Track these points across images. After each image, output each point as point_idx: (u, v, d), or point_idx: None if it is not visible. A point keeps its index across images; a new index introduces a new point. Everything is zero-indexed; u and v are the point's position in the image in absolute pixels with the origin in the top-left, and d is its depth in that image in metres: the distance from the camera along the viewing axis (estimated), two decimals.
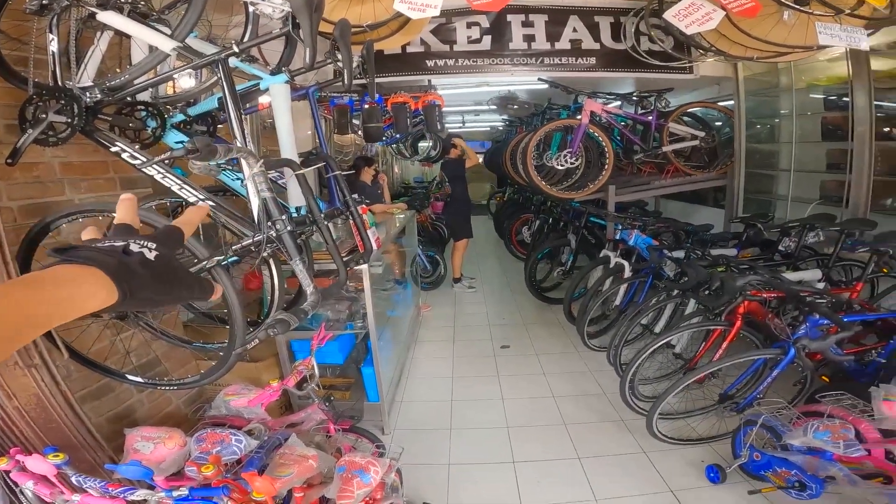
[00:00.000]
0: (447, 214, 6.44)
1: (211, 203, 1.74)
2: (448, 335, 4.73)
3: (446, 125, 8.84)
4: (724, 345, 2.78)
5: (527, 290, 5.37)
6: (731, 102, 4.83)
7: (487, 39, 4.40)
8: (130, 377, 2.06)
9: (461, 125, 8.48)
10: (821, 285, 3.06)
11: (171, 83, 2.47)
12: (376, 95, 2.80)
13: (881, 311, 2.74)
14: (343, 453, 2.03)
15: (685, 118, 4.91)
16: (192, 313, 2.38)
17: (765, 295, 2.67)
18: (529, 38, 4.41)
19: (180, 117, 2.24)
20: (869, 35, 2.73)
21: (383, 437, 2.97)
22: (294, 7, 1.62)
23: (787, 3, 2.60)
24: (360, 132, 4.89)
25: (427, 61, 4.39)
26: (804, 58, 3.52)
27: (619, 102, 5.22)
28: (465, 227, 5.88)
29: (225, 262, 1.59)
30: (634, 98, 4.84)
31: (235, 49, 1.70)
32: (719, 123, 5.12)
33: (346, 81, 2.14)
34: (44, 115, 1.72)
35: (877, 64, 3.49)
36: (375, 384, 3.06)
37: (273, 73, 2.25)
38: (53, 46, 1.75)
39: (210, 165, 1.56)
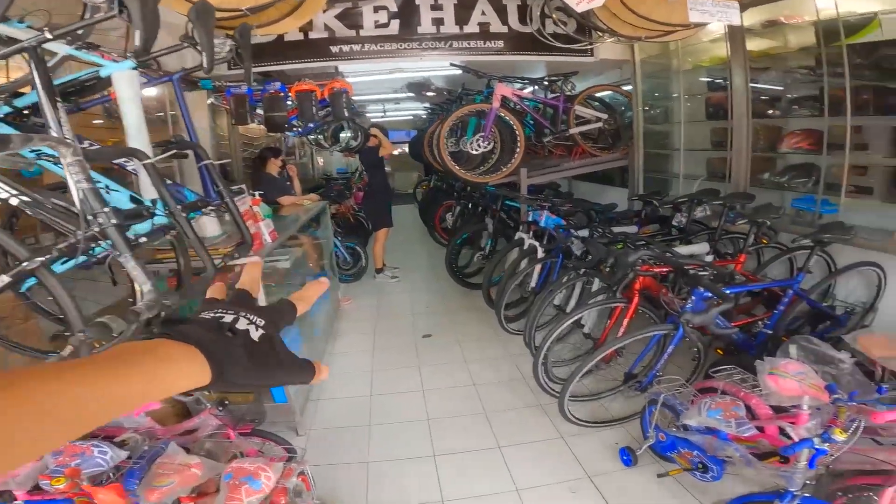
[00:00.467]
0: (366, 205, 6.29)
1: (26, 198, 1.51)
2: (369, 327, 4.61)
3: (368, 115, 8.70)
4: (625, 322, 2.79)
5: (451, 277, 5.35)
6: (631, 87, 5.01)
7: (396, 24, 4.27)
8: None
9: (382, 114, 8.28)
10: (710, 258, 3.24)
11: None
12: (253, 83, 2.60)
13: (765, 280, 2.90)
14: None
15: (592, 101, 5.06)
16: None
17: (656, 270, 2.77)
18: (438, 22, 4.33)
19: (6, 109, 1.97)
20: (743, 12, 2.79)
21: (297, 439, 2.86)
22: None
23: None
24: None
25: (332, 47, 4.22)
26: (688, 37, 3.66)
27: (533, 87, 5.30)
28: (385, 216, 5.75)
29: (65, 263, 1.46)
30: (545, 82, 4.91)
31: (48, 35, 1.51)
32: (623, 107, 5.32)
33: (205, 65, 1.98)
34: None
35: (752, 44, 3.68)
36: (280, 386, 2.90)
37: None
38: None
39: (12, 156, 1.37)
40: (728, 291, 2.32)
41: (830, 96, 3.14)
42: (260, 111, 4.40)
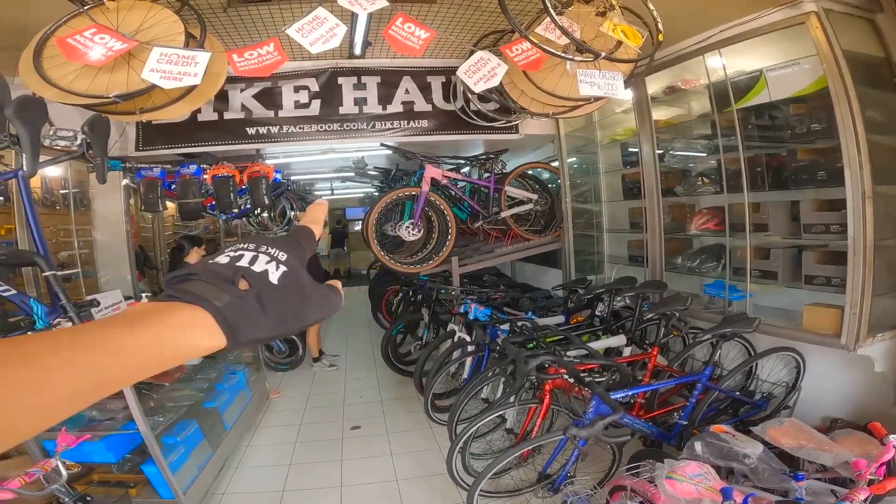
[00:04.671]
0: None
1: None
2: (296, 419, 4.34)
3: (317, 193, 8.67)
4: (539, 421, 2.70)
5: (387, 365, 5.09)
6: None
7: (317, 104, 4.16)
8: None
9: (330, 192, 8.27)
10: (628, 350, 3.04)
11: None
12: (105, 179, 2.40)
13: (671, 376, 2.74)
14: None
15: (526, 181, 5.03)
16: None
17: (563, 372, 2.56)
18: (361, 102, 4.22)
19: None
20: (636, 78, 2.71)
21: None
22: None
23: (553, 51, 2.52)
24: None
25: (248, 129, 4.07)
26: (593, 110, 3.59)
27: (467, 167, 5.29)
28: None
29: None
30: (479, 161, 4.87)
31: None
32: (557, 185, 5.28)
33: (25, 168, 1.81)
34: None
35: (659, 113, 3.63)
36: (164, 482, 2.74)
37: None
38: None
39: None
40: (628, 393, 2.18)
41: (727, 169, 3.09)
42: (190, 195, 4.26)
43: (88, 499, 2.04)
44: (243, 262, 0.44)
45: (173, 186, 4.16)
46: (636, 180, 3.85)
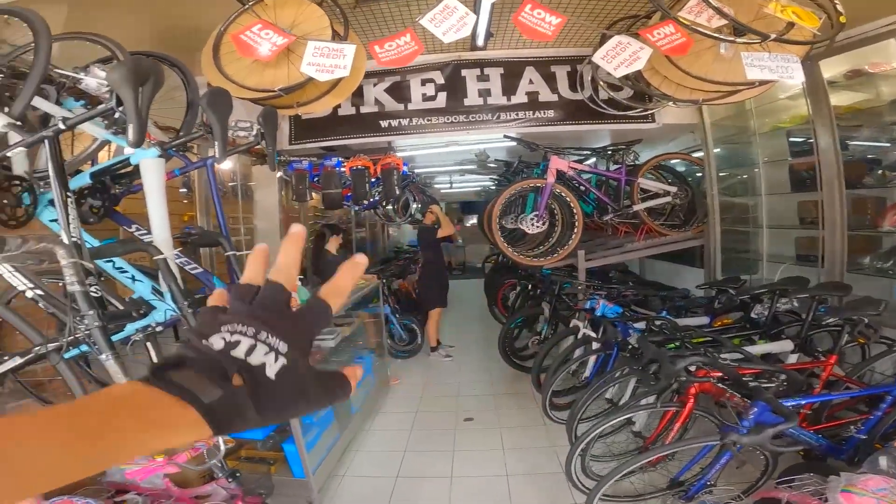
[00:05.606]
0: (419, 283, 6.19)
1: (39, 292, 1.64)
2: (412, 406, 4.47)
3: (436, 186, 8.92)
4: (676, 426, 2.46)
5: (503, 359, 5.03)
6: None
7: (443, 96, 4.23)
8: None
9: (449, 186, 8.42)
10: (794, 357, 2.63)
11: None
12: (276, 167, 2.65)
13: (858, 386, 2.32)
14: None
15: (661, 172, 4.65)
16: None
17: (714, 375, 2.29)
18: (485, 93, 4.22)
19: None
20: (809, 62, 2.42)
21: None
22: (112, 83, 1.53)
23: (710, 33, 2.30)
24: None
25: (381, 122, 4.26)
26: (754, 96, 3.20)
27: (593, 158, 5.04)
28: (437, 295, 5.63)
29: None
30: (608, 152, 4.63)
31: (61, 126, 1.64)
32: (700, 175, 4.78)
33: (217, 154, 2.04)
34: None
35: (838, 98, 3.17)
36: (299, 461, 2.88)
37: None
38: None
39: (20, 256, 1.49)
40: (797, 403, 2.01)
41: None
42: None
43: (238, 475, 2.17)
44: (239, 352, 0.41)
45: (317, 178, 4.54)
46: (808, 171, 3.36)
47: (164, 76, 1.80)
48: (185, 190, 4.01)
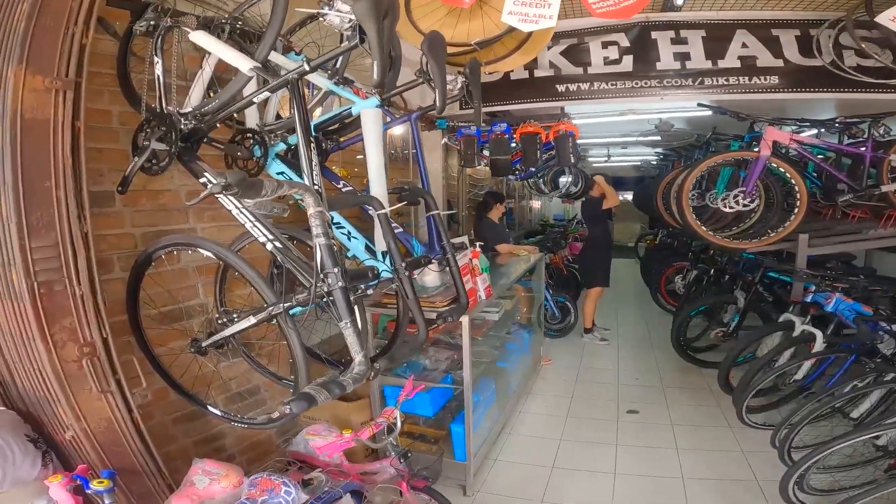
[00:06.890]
0: (581, 259, 5.92)
1: (279, 245, 1.61)
2: (567, 390, 4.23)
3: (590, 160, 8.27)
4: None
5: (670, 348, 4.57)
6: None
7: (629, 60, 3.82)
8: (210, 408, 2.05)
9: (606, 159, 7.77)
10: None
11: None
12: (482, 123, 2.47)
13: None
14: None
15: None
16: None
17: None
18: (683, 57, 3.74)
19: (282, 146, 2.20)
20: None
21: (463, 500, 2.76)
22: (357, 14, 1.42)
23: None
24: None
25: (557, 86, 3.95)
26: None
27: (814, 131, 4.17)
28: (600, 274, 5.26)
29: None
30: (838, 125, 3.78)
31: (306, 67, 1.56)
32: None
33: (437, 103, 1.90)
34: (147, 143, 1.78)
35: None
36: (464, 444, 2.79)
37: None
38: (158, 69, 1.78)
39: (267, 203, 1.43)
40: None
41: None
42: (486, 153, 4.50)
43: (409, 455, 2.06)
44: None
45: (484, 144, 4.39)
46: None
47: (399, 10, 1.68)
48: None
